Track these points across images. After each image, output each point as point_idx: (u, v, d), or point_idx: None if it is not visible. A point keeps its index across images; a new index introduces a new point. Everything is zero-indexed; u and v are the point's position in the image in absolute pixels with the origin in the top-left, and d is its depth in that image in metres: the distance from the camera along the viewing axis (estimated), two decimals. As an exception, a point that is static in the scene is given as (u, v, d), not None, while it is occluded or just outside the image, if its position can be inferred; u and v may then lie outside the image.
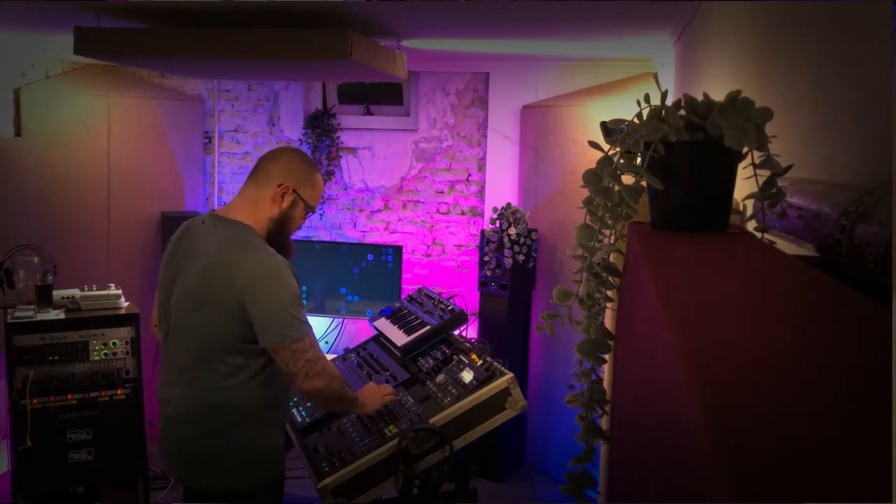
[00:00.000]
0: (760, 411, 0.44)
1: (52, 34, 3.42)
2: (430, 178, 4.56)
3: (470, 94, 4.44)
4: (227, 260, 2.01)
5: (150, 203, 4.30)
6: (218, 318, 2.01)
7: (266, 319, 1.97)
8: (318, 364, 2.02)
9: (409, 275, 4.52)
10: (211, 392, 2.04)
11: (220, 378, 2.03)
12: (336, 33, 2.78)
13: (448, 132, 4.49)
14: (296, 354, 1.99)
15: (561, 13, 2.78)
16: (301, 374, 2.00)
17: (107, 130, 4.16)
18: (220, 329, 2.01)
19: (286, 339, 1.97)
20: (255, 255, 2.01)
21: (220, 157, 4.79)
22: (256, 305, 1.97)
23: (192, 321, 2.06)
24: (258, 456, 2.09)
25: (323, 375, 2.04)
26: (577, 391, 1.16)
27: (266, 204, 2.11)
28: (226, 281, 1.99)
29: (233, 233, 2.07)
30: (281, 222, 2.13)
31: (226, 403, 2.04)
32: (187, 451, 2.10)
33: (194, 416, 2.07)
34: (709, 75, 2.23)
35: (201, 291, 2.03)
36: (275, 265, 2.01)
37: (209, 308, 2.02)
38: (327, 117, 4.58)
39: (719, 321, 0.62)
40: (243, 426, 2.05)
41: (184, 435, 2.10)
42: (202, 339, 2.04)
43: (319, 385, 2.03)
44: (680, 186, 1.00)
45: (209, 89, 4.72)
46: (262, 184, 2.13)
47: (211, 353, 2.03)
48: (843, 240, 0.81)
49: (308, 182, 2.16)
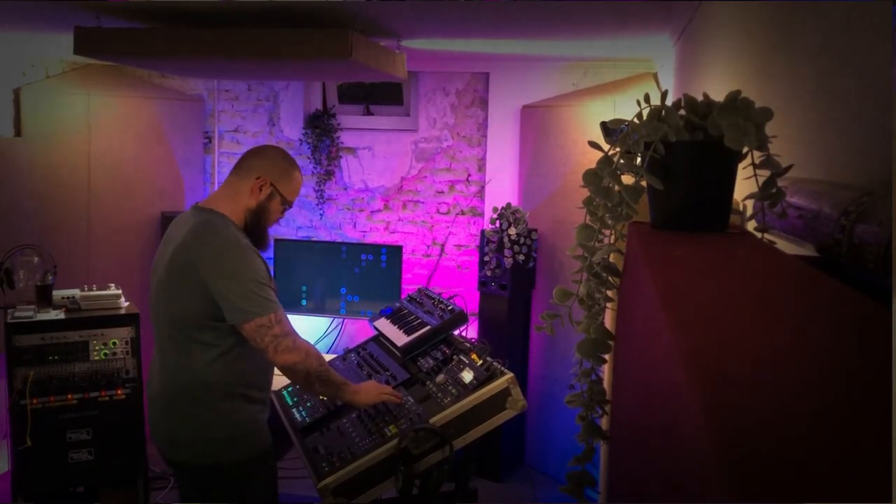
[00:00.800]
0: (760, 411, 0.44)
1: (52, 34, 3.42)
2: (430, 178, 4.56)
3: (470, 94, 4.44)
4: (194, 243, 2.11)
5: (149, 203, 4.30)
6: (186, 300, 2.10)
7: (229, 297, 2.06)
8: (286, 339, 2.09)
9: (409, 275, 4.52)
10: (186, 372, 2.14)
11: (194, 357, 2.12)
12: (336, 33, 2.78)
13: (448, 132, 4.49)
14: (261, 330, 2.06)
15: (561, 13, 2.78)
16: (270, 349, 2.07)
17: (107, 130, 4.16)
18: (188, 309, 2.11)
19: (250, 315, 2.05)
20: (220, 237, 2.11)
21: (220, 157, 4.79)
22: (220, 283, 2.06)
23: (164, 305, 2.17)
24: (238, 432, 2.16)
25: (295, 351, 2.11)
26: (577, 391, 1.16)
27: (245, 195, 2.22)
28: (192, 262, 2.08)
29: (204, 220, 2.16)
30: (258, 213, 2.22)
31: (201, 381, 2.13)
32: (171, 428, 2.19)
33: (173, 395, 2.17)
34: (709, 75, 2.23)
35: (169, 275, 2.14)
36: (238, 246, 2.11)
37: (178, 290, 2.12)
38: (327, 117, 4.58)
39: (719, 321, 0.62)
40: (220, 402, 2.13)
41: (166, 413, 2.20)
42: (174, 320, 2.15)
43: (293, 359, 2.10)
44: (680, 186, 1.00)
45: (209, 89, 4.72)
46: (243, 176, 2.24)
47: (183, 332, 2.13)
48: (843, 240, 0.81)
49: (286, 177, 2.27)
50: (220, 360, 2.12)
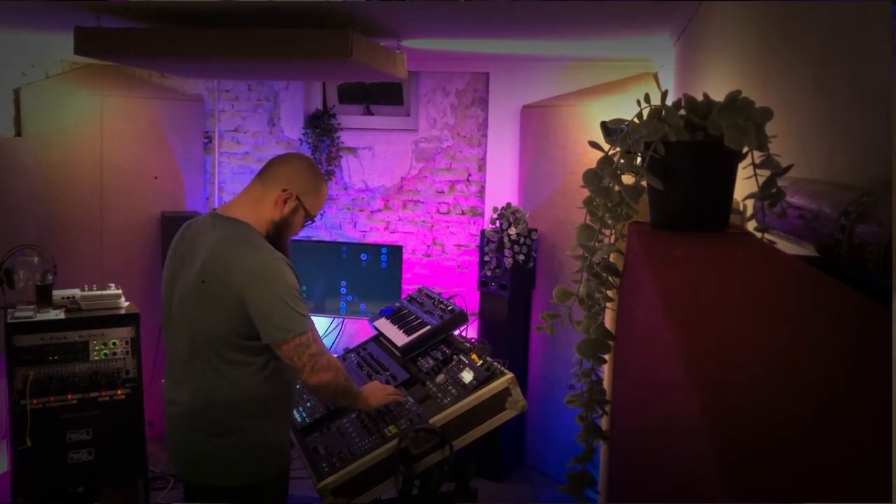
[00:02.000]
0: (760, 411, 0.44)
1: (52, 34, 3.42)
2: (430, 178, 4.56)
3: (470, 94, 4.44)
4: (225, 257, 2.02)
5: (150, 203, 4.30)
6: (218, 316, 2.01)
7: (268, 315, 1.98)
8: (322, 358, 2.04)
9: (409, 275, 4.52)
10: (216, 390, 2.04)
11: (224, 376, 2.03)
12: (336, 33, 2.78)
13: (448, 132, 4.49)
14: (300, 349, 1.99)
15: (561, 13, 2.78)
16: (307, 368, 2.01)
17: (107, 130, 4.16)
18: (221, 326, 2.01)
19: (289, 334, 1.98)
20: (254, 251, 2.02)
21: (220, 157, 4.79)
22: (257, 301, 1.97)
23: (193, 320, 2.06)
24: (265, 452, 2.10)
25: (329, 369, 2.05)
26: (577, 391, 1.16)
27: (269, 205, 2.13)
28: (224, 278, 1.99)
29: (231, 230, 2.07)
30: (280, 226, 2.15)
31: (230, 401, 2.04)
32: (194, 449, 2.10)
33: (200, 414, 2.07)
34: (709, 75, 2.23)
35: (201, 290, 2.04)
36: (274, 261, 2.02)
37: (209, 306, 2.02)
38: (327, 117, 4.58)
39: (719, 321, 0.62)
40: (249, 423, 2.06)
41: (191, 433, 2.10)
42: (204, 337, 2.04)
43: (326, 378, 2.04)
44: (680, 186, 1.00)
45: (209, 89, 4.72)
46: (268, 185, 2.14)
47: (214, 350, 2.03)
48: (843, 240, 0.81)
49: (313, 191, 2.20)
50: (251, 378, 2.04)
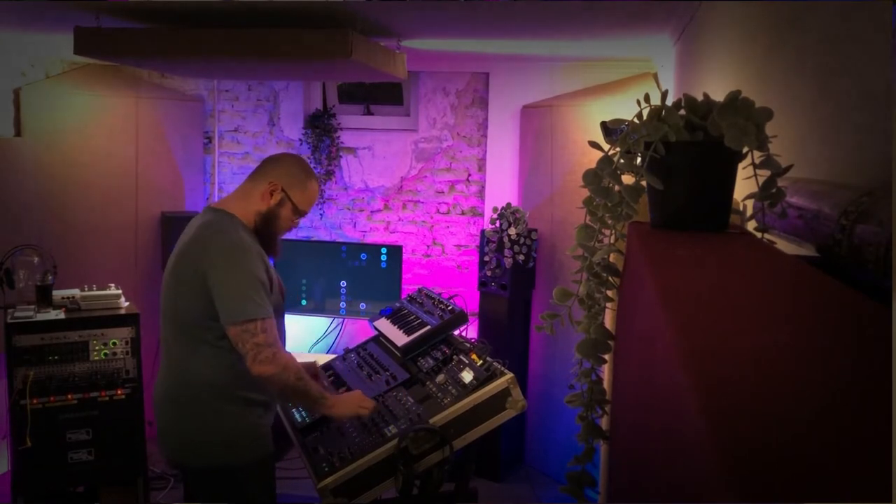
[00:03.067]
0: (760, 411, 0.44)
1: (52, 34, 3.42)
2: (430, 178, 4.56)
3: (470, 94, 4.44)
4: (200, 240, 2.12)
5: (150, 203, 4.30)
6: (190, 297, 2.09)
7: (222, 295, 2.04)
8: (267, 349, 2.05)
9: (409, 275, 4.52)
10: (191, 371, 2.13)
11: (197, 357, 2.12)
12: (336, 33, 2.78)
13: (448, 132, 4.49)
14: (244, 335, 2.03)
15: (561, 13, 2.78)
16: (249, 356, 2.03)
17: (107, 130, 4.16)
18: (191, 307, 2.10)
19: (238, 318, 2.02)
20: (224, 235, 2.10)
21: (220, 157, 4.79)
22: (216, 282, 2.04)
23: (172, 302, 2.16)
24: (238, 435, 2.15)
25: (273, 363, 2.05)
26: (577, 391, 1.16)
27: (256, 198, 2.22)
28: (195, 260, 2.09)
29: (213, 218, 2.17)
30: (267, 218, 2.21)
31: (204, 382, 2.12)
32: (171, 429, 2.19)
33: (175, 395, 2.17)
34: (709, 75, 2.23)
35: (175, 272, 2.14)
36: (242, 245, 2.09)
37: (183, 289, 2.11)
38: (327, 117, 4.58)
39: (719, 321, 0.62)
40: (222, 404, 2.13)
41: (168, 413, 2.20)
42: (178, 318, 2.14)
43: (269, 371, 2.05)
44: (680, 186, 1.00)
45: (209, 89, 4.72)
46: (257, 180, 2.25)
47: (186, 332, 2.13)
48: (843, 240, 0.81)
49: (300, 186, 2.26)
50: (223, 360, 2.11)
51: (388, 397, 2.55)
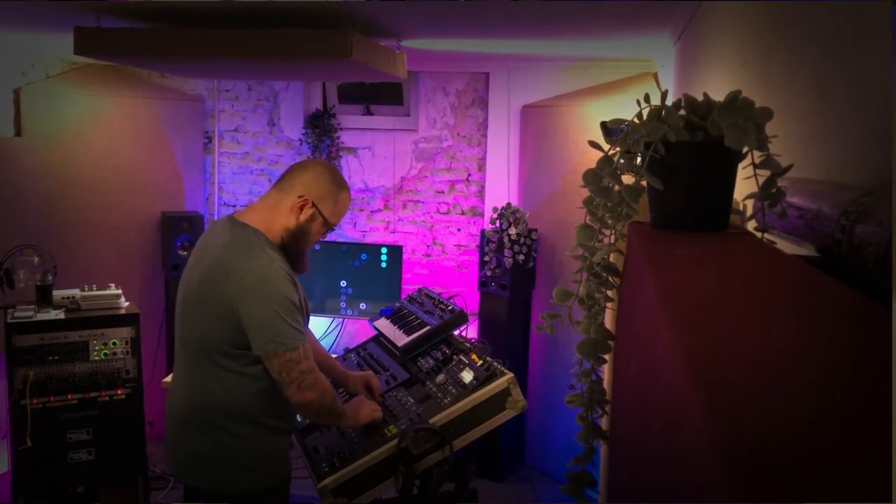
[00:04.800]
0: (760, 411, 0.44)
1: (52, 34, 3.42)
2: (430, 178, 4.56)
3: (470, 94, 4.44)
4: (224, 264, 1.98)
5: (150, 203, 4.30)
6: (212, 322, 1.99)
7: (259, 326, 1.93)
8: (311, 376, 1.99)
9: (409, 275, 4.52)
10: (209, 393, 2.03)
11: (217, 380, 2.02)
12: (336, 33, 2.78)
13: (448, 132, 4.49)
14: (289, 365, 1.95)
15: (561, 13, 2.78)
16: (294, 385, 1.96)
17: (107, 130, 4.16)
18: (213, 333, 1.99)
19: (280, 348, 1.93)
20: (253, 259, 1.97)
21: (220, 157, 4.79)
22: (249, 311, 1.93)
23: (191, 322, 2.06)
24: (256, 461, 2.07)
25: (315, 388, 2.01)
26: (577, 391, 1.16)
27: (284, 213, 2.07)
28: (221, 284, 1.96)
29: (238, 236, 2.03)
30: (296, 234, 2.07)
31: (225, 407, 2.02)
32: (188, 451, 2.10)
33: (193, 415, 2.07)
34: (709, 75, 2.23)
35: (199, 293, 2.03)
36: (271, 270, 1.95)
37: (205, 311, 2.00)
38: (327, 117, 4.58)
39: (719, 321, 0.62)
40: (243, 429, 2.04)
41: (183, 433, 2.10)
42: (199, 341, 2.03)
43: (311, 397, 2.00)
44: (680, 186, 1.00)
45: (209, 89, 4.72)
46: (285, 191, 2.09)
47: (207, 355, 2.02)
48: (843, 240, 0.81)
49: (331, 199, 2.11)
50: (247, 388, 2.01)
51: (388, 397, 2.55)
